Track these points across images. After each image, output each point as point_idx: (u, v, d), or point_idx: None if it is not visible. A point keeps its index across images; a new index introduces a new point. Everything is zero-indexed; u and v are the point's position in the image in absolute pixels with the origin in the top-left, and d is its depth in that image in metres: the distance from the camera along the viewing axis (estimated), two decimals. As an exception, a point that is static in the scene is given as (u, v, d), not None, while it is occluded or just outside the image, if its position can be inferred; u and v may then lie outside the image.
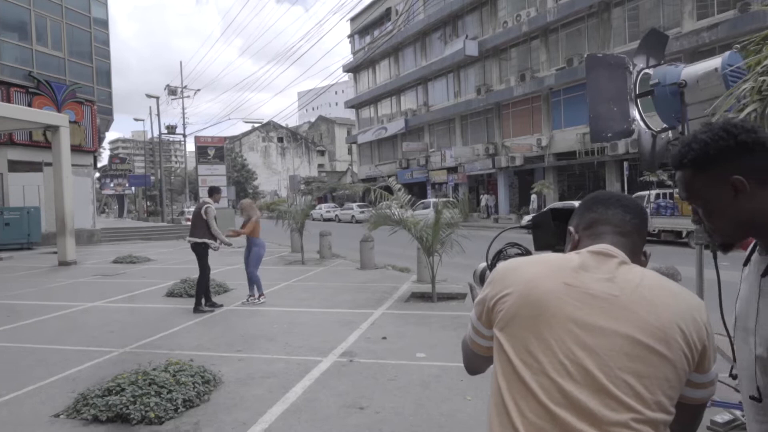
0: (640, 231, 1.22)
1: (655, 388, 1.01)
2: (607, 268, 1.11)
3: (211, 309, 7.81)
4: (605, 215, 1.22)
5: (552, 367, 1.02)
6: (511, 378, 1.06)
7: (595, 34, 25.47)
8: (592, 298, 1.06)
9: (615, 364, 1.01)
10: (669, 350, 1.02)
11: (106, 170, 58.64)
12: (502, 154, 30.25)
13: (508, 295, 1.11)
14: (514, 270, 1.16)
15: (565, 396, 1.00)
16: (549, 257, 1.19)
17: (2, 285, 10.82)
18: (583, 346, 1.02)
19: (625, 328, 1.03)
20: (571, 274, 1.10)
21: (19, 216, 19.28)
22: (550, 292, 1.08)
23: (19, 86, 20.75)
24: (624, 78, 3.39)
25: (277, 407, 4.06)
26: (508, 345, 1.08)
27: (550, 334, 1.04)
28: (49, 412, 4.04)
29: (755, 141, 1.15)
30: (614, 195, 1.27)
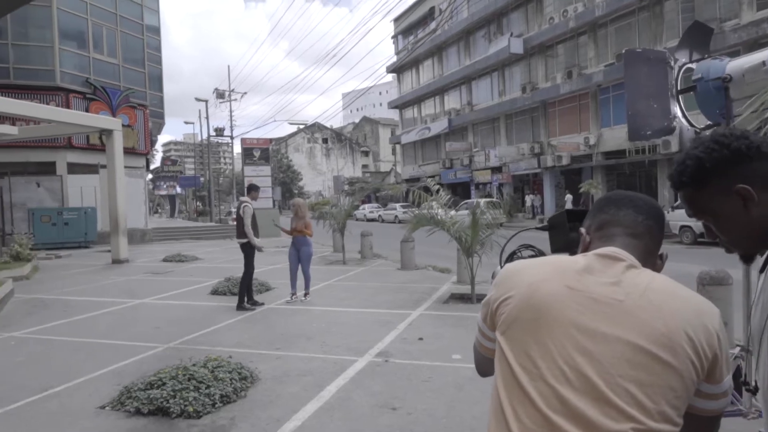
0: (653, 233, 1.16)
1: (658, 398, 0.96)
2: (613, 271, 1.07)
3: (252, 307, 7.98)
4: (616, 216, 1.17)
5: (551, 372, 0.99)
6: (509, 383, 1.03)
7: (647, 28, 24.60)
8: (594, 302, 1.03)
9: (616, 372, 0.97)
10: (675, 358, 0.97)
11: (159, 172, 60.80)
12: (548, 153, 29.63)
13: (511, 298, 1.09)
14: (518, 272, 1.13)
15: (563, 403, 0.97)
16: (554, 260, 1.16)
17: (60, 281, 11.38)
18: (584, 352, 0.99)
19: (628, 334, 0.99)
20: (575, 277, 1.06)
21: (77, 216, 20.24)
22: (552, 295, 1.04)
23: (77, 92, 21.78)
24: (665, 73, 3.26)
25: (311, 405, 4.11)
26: (508, 349, 1.06)
27: (550, 338, 1.01)
28: (96, 403, 4.23)
29: (749, 147, 1.09)
30: (627, 195, 1.21)
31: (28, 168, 21.26)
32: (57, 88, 21.11)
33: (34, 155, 21.01)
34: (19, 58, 20.77)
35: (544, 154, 29.91)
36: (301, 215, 8.59)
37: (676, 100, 3.30)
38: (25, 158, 20.68)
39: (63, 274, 12.72)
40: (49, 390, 4.58)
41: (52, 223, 19.72)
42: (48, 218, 19.70)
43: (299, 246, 8.53)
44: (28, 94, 19.63)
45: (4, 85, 18.87)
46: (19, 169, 20.71)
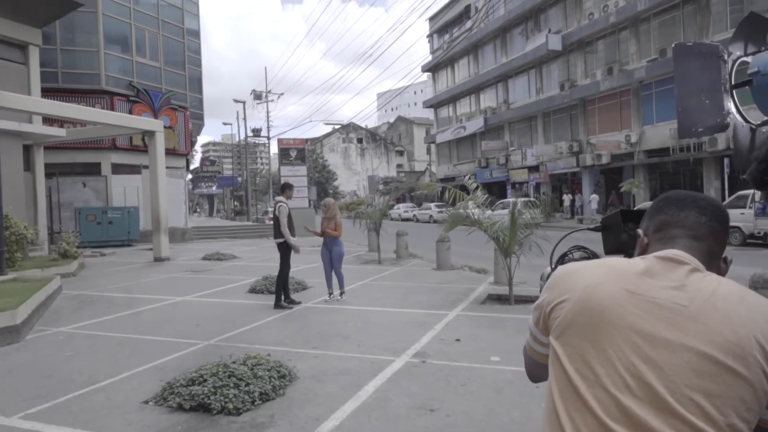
0: (717, 235, 1.09)
1: (727, 409, 0.90)
2: (675, 275, 1.01)
3: (289, 306, 8.05)
4: (677, 217, 1.11)
5: (610, 380, 0.94)
6: (565, 390, 0.98)
7: (692, 22, 23.80)
8: (656, 307, 0.97)
9: (681, 381, 0.91)
10: (745, 368, 0.91)
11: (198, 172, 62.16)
12: (587, 151, 29.00)
13: (566, 301, 1.03)
14: (573, 274, 1.08)
15: (623, 412, 0.92)
16: (611, 261, 1.10)
17: (105, 279, 11.75)
18: (646, 359, 0.93)
19: (694, 341, 0.93)
20: (635, 280, 1.01)
21: (121, 215, 20.88)
22: (610, 299, 0.99)
23: (121, 95, 22.46)
24: (717, 67, 3.12)
25: (349, 405, 4.11)
26: (564, 354, 1.00)
27: (608, 344, 0.96)
28: (140, 398, 4.32)
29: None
30: (689, 195, 1.14)
31: (75, 169, 22.05)
32: (102, 92, 21.83)
33: (80, 156, 21.78)
34: (67, 62, 21.55)
35: (583, 152, 29.28)
36: (330, 215, 8.58)
37: (730, 95, 3.16)
38: (72, 159, 21.46)
39: (107, 271, 13.13)
40: (95, 384, 4.72)
41: (97, 222, 20.41)
42: (93, 217, 20.39)
43: (330, 246, 8.53)
44: (75, 97, 20.33)
45: (52, 89, 19.58)
46: (66, 169, 21.49)
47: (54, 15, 16.04)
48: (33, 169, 16.72)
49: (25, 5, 14.32)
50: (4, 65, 14.49)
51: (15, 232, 11.12)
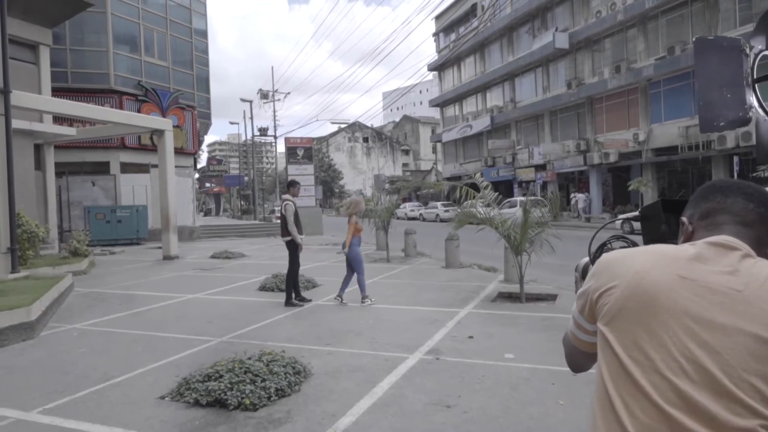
0: (765, 221, 1.09)
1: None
2: (728, 260, 1.00)
3: (300, 303, 8.06)
4: (724, 204, 1.11)
5: (665, 364, 0.93)
6: (618, 375, 0.98)
7: (700, 19, 23.65)
8: (710, 292, 0.96)
9: (739, 365, 0.91)
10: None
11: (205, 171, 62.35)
12: (595, 150, 28.87)
13: (614, 288, 1.03)
14: (621, 260, 1.07)
15: (680, 396, 0.91)
16: (660, 248, 1.09)
17: (116, 276, 11.80)
18: (701, 343, 0.93)
19: (750, 325, 0.93)
20: (687, 265, 1.00)
21: (130, 214, 20.97)
22: (661, 283, 0.98)
23: (130, 94, 22.56)
24: (739, 61, 3.09)
25: (365, 401, 4.11)
26: (615, 340, 1.00)
27: (662, 329, 0.95)
28: (156, 394, 4.34)
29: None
30: (734, 182, 1.14)
31: (84, 168, 22.16)
32: (111, 91, 21.93)
33: (89, 155, 21.89)
34: (76, 62, 21.66)
35: (590, 151, 29.16)
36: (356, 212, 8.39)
37: (752, 89, 3.13)
38: (82, 158, 21.57)
39: (118, 269, 13.19)
40: (111, 380, 4.74)
41: (106, 220, 20.51)
42: (102, 216, 20.49)
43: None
44: (84, 96, 20.41)
45: (62, 88, 19.69)
46: (75, 168, 21.61)
47: (64, 15, 16.11)
48: (44, 168, 16.82)
49: (36, 6, 14.39)
50: (15, 65, 14.53)
51: (27, 230, 11.19)
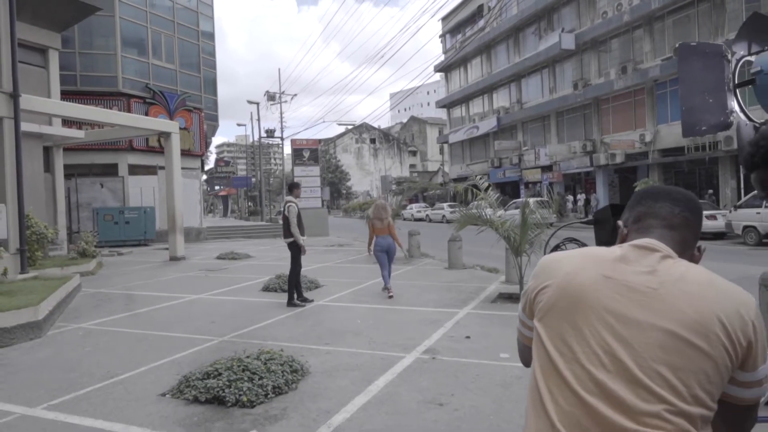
0: (690, 225, 1.19)
1: (691, 381, 0.99)
2: (648, 261, 1.10)
3: (302, 304, 8.17)
4: (653, 208, 1.20)
5: (585, 356, 1.03)
6: (546, 367, 1.08)
7: (706, 20, 23.57)
8: (629, 290, 1.06)
9: (649, 356, 1.00)
10: (708, 344, 1.00)
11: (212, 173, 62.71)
12: (601, 151, 28.83)
13: (548, 287, 1.13)
14: (556, 262, 1.17)
15: (597, 385, 1.01)
16: (591, 250, 1.19)
17: (123, 277, 11.98)
18: (618, 337, 1.02)
19: (662, 320, 1.02)
20: (611, 266, 1.10)
21: (137, 215, 21.21)
22: (587, 283, 1.08)
23: (138, 97, 22.82)
24: (721, 67, 3.17)
25: (360, 399, 4.20)
26: (545, 335, 1.10)
27: (585, 324, 1.05)
28: (157, 391, 4.46)
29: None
30: (664, 188, 1.24)
31: (93, 169, 22.45)
32: (119, 94, 22.20)
33: (98, 157, 22.17)
34: (85, 65, 21.95)
35: (596, 152, 29.12)
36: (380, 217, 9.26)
37: (733, 94, 3.20)
38: (90, 160, 21.85)
39: (125, 270, 13.37)
40: (114, 377, 4.87)
41: (114, 221, 20.75)
42: (110, 217, 20.74)
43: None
44: (93, 99, 20.72)
45: (71, 91, 19.96)
46: (84, 170, 21.89)
47: (73, 19, 16.34)
48: (53, 170, 17.05)
49: (46, 10, 14.62)
50: (25, 69, 14.77)
51: (36, 231, 11.39)
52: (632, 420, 0.98)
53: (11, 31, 10.65)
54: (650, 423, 0.97)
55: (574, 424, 1.01)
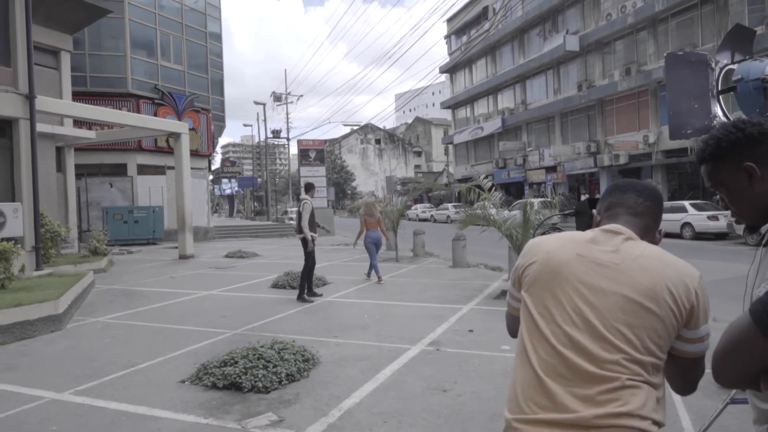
0: (652, 212, 1.45)
1: (644, 336, 1.24)
2: (613, 242, 1.35)
3: (310, 299, 8.44)
4: (621, 199, 1.47)
5: (561, 318, 1.29)
6: (530, 327, 1.34)
7: (710, 22, 23.73)
8: (597, 265, 1.31)
9: (611, 317, 1.26)
10: (658, 307, 1.24)
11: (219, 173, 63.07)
12: (605, 152, 28.99)
13: (534, 263, 1.39)
14: (539, 243, 1.43)
15: (570, 340, 1.27)
16: (569, 234, 1.45)
17: (134, 274, 12.28)
18: (587, 302, 1.28)
19: (622, 288, 1.27)
20: (584, 246, 1.36)
21: (146, 214, 21.53)
22: (564, 260, 1.34)
23: (147, 98, 23.16)
24: (706, 75, 3.41)
25: (368, 385, 4.46)
26: (530, 302, 1.36)
27: (561, 292, 1.31)
28: (176, 378, 4.73)
29: (761, 132, 1.31)
30: (631, 182, 1.51)
31: (102, 169, 22.80)
32: (128, 95, 22.54)
33: (107, 158, 22.52)
34: (95, 66, 22.29)
35: (600, 153, 29.28)
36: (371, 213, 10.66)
37: (716, 100, 3.44)
38: (100, 160, 22.20)
39: (136, 267, 13.67)
40: (135, 366, 5.14)
41: (124, 220, 21.08)
42: (120, 216, 21.07)
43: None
44: (103, 100, 21.07)
45: (82, 92, 20.29)
46: (94, 170, 22.24)
47: (84, 22, 16.67)
48: (64, 170, 17.40)
49: (58, 13, 14.95)
50: (38, 70, 15.02)
51: (50, 230, 11.71)
52: (597, 366, 1.23)
53: (27, 35, 10.96)
54: (610, 368, 1.23)
55: (552, 370, 1.27)
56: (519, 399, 1.31)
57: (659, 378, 1.28)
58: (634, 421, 1.20)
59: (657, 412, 1.24)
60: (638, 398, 1.22)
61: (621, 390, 1.22)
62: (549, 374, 1.27)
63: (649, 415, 1.22)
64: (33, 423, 3.85)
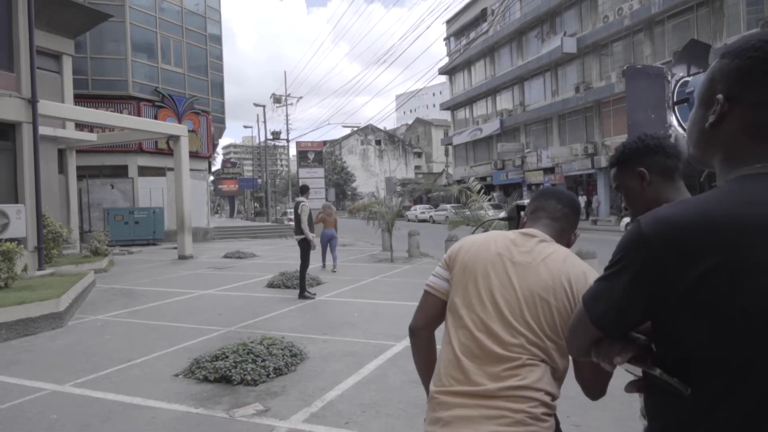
0: (568, 217, 1.70)
1: (542, 324, 1.49)
2: (529, 244, 1.60)
3: (312, 295, 8.85)
4: (543, 204, 1.73)
5: (479, 306, 1.54)
6: (454, 316, 1.58)
7: (705, 24, 23.95)
8: (512, 264, 1.56)
9: (517, 307, 1.50)
10: (555, 300, 1.49)
11: (219, 174, 63.35)
12: (602, 153, 29.22)
13: (460, 258, 1.62)
14: (469, 242, 1.67)
15: (484, 325, 1.51)
16: (495, 234, 1.68)
17: (134, 274, 12.54)
18: (500, 295, 1.53)
19: (528, 284, 1.52)
20: (504, 247, 1.60)
21: (146, 215, 21.81)
22: (486, 258, 1.58)
23: (147, 100, 23.44)
24: (662, 87, 3.66)
25: (352, 379, 4.70)
26: (455, 292, 1.60)
27: (482, 285, 1.55)
28: (171, 372, 4.98)
29: (657, 145, 1.56)
30: (554, 190, 1.77)
31: (104, 171, 23.08)
32: (129, 97, 22.82)
33: (108, 159, 22.81)
34: (96, 70, 22.58)
35: (597, 154, 29.51)
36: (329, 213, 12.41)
37: (672, 110, 3.69)
38: (101, 162, 22.48)
39: (135, 267, 13.93)
40: (132, 361, 5.39)
41: (124, 221, 21.35)
42: (121, 217, 21.35)
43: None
44: (104, 103, 21.37)
45: (83, 95, 20.57)
46: (95, 172, 22.52)
47: (86, 26, 16.96)
48: (66, 171, 17.67)
49: (60, 18, 15.23)
50: (40, 74, 15.29)
51: (52, 230, 11.98)
52: (503, 348, 1.47)
53: (30, 40, 11.23)
54: (513, 350, 1.47)
55: (468, 351, 1.51)
56: (441, 374, 1.56)
57: (559, 359, 1.51)
58: (529, 392, 1.44)
59: (551, 386, 1.49)
60: (535, 374, 1.46)
61: (521, 368, 1.46)
62: (466, 354, 1.51)
63: (543, 387, 1.46)
64: (35, 412, 4.10)
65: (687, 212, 0.95)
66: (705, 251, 0.90)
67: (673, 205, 1.01)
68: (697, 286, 0.91)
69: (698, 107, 1.09)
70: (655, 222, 0.97)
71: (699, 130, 1.06)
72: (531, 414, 1.43)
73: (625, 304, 1.03)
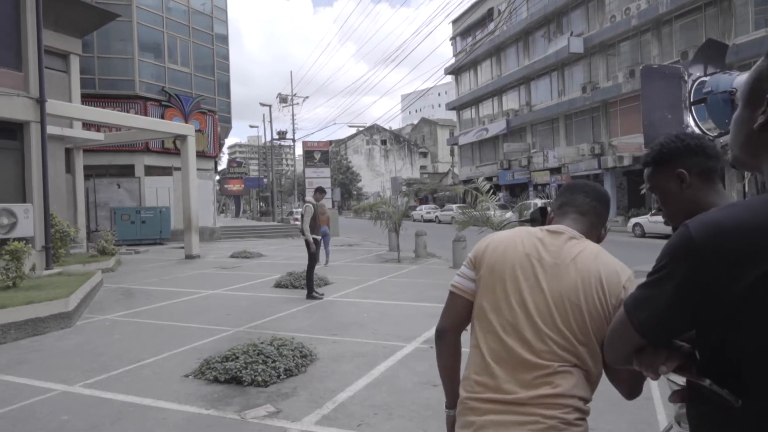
0: (597, 211, 1.64)
1: (574, 328, 1.43)
2: (557, 242, 1.54)
3: (320, 296, 8.82)
4: (570, 199, 1.67)
5: (508, 312, 1.49)
6: (482, 319, 1.54)
7: (714, 24, 23.77)
8: (540, 265, 1.51)
9: (547, 311, 1.45)
10: (586, 303, 1.44)
11: (225, 173, 63.47)
12: (609, 153, 29.07)
13: (487, 258, 1.57)
14: (497, 239, 1.61)
15: (514, 330, 1.47)
16: (522, 232, 1.62)
17: (141, 273, 12.55)
18: (530, 299, 1.48)
19: (557, 286, 1.47)
20: (531, 246, 1.54)
21: (153, 215, 21.85)
22: (514, 260, 1.53)
23: (154, 100, 23.49)
24: (679, 87, 3.60)
25: (362, 380, 4.67)
26: (483, 296, 1.55)
27: (511, 288, 1.50)
28: (181, 372, 4.96)
29: (698, 145, 1.49)
30: (580, 184, 1.71)
31: (111, 170, 23.14)
32: (136, 97, 22.87)
33: (115, 159, 22.87)
34: (103, 69, 22.64)
35: (604, 154, 29.36)
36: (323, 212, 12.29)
37: (689, 111, 3.64)
38: (108, 162, 22.54)
39: (143, 267, 13.95)
40: (141, 361, 5.38)
41: (131, 221, 21.41)
42: (128, 216, 21.41)
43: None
44: (111, 102, 21.41)
45: (90, 94, 20.62)
46: (102, 171, 22.59)
47: (93, 26, 16.99)
48: (73, 171, 17.72)
49: (67, 17, 15.26)
50: (48, 74, 15.35)
51: (60, 230, 12.00)
52: (534, 355, 1.43)
53: (38, 40, 11.26)
54: (545, 357, 1.43)
55: (498, 357, 1.47)
56: (471, 380, 1.52)
57: (592, 362, 1.46)
58: (563, 399, 1.40)
59: (585, 390, 1.45)
60: (568, 381, 1.42)
61: (553, 375, 1.42)
62: (496, 360, 1.47)
63: (577, 393, 1.42)
64: (45, 413, 4.09)
65: (739, 216, 0.92)
66: (759, 257, 0.87)
67: (723, 208, 0.97)
68: (749, 293, 0.88)
69: (743, 108, 1.05)
70: (705, 226, 0.94)
71: (746, 131, 1.03)
72: (564, 420, 1.40)
73: (671, 312, 1.00)
